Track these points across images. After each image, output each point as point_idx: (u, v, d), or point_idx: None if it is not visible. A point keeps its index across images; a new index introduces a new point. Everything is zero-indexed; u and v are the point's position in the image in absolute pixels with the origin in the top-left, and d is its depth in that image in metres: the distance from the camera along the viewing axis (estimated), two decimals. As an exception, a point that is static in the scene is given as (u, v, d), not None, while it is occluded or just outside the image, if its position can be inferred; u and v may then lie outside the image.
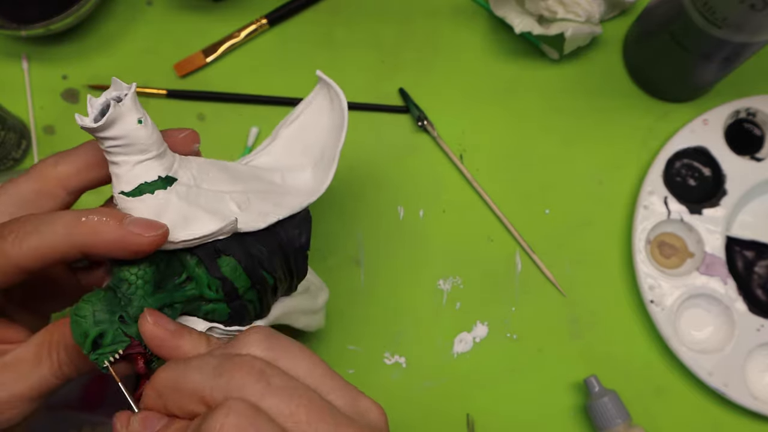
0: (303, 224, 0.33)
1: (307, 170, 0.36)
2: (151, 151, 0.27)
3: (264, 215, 0.31)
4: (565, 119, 0.51)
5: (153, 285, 0.28)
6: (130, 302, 0.27)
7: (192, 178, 0.29)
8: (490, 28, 0.53)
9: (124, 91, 0.27)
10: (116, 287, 0.27)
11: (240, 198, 0.30)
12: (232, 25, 0.53)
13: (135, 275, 0.27)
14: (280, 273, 0.32)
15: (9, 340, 0.30)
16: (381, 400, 0.47)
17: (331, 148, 0.35)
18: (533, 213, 0.50)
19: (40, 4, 0.50)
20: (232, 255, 0.29)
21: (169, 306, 0.28)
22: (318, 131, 0.36)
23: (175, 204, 0.28)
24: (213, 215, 0.29)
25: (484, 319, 0.48)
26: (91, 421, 0.44)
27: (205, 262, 0.29)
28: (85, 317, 0.26)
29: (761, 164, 0.48)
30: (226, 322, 0.31)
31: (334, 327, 0.48)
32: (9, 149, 0.49)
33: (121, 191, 0.28)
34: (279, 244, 0.32)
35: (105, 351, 0.26)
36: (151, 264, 0.28)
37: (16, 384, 0.28)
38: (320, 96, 0.37)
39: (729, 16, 0.39)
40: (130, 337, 0.27)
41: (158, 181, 0.28)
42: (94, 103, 0.26)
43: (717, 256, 0.47)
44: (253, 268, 0.30)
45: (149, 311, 0.27)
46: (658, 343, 0.47)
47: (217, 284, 0.29)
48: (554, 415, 0.47)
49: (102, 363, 0.26)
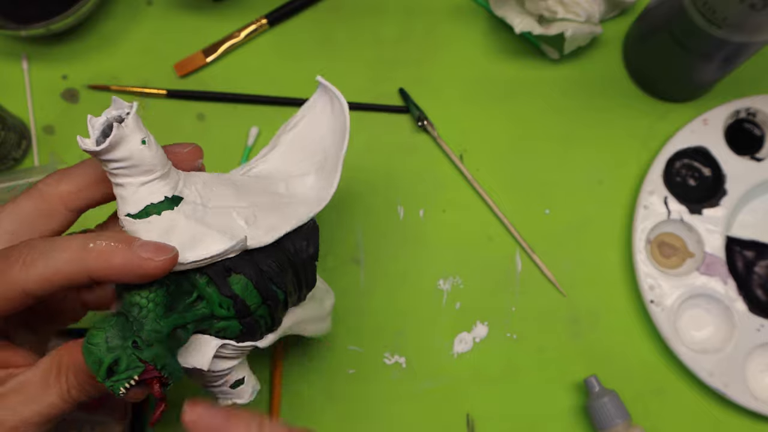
0: (311, 235, 0.33)
1: (310, 176, 0.35)
2: (156, 171, 0.27)
3: (271, 230, 0.31)
4: (565, 119, 0.51)
5: (164, 307, 0.27)
6: (143, 326, 0.26)
7: (198, 195, 0.29)
8: (490, 27, 0.53)
9: (126, 110, 0.26)
10: (127, 312, 0.27)
11: (246, 213, 0.30)
12: (232, 25, 0.53)
13: (146, 299, 0.27)
14: (290, 287, 0.32)
15: (15, 365, 0.29)
16: (381, 401, 0.48)
17: (334, 154, 0.35)
18: (533, 213, 0.50)
19: (40, 4, 0.50)
20: (242, 273, 0.29)
21: (182, 327, 0.28)
22: (320, 136, 0.36)
23: (183, 224, 0.27)
24: (222, 234, 0.28)
25: (484, 319, 0.48)
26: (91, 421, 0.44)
27: (215, 281, 0.29)
28: (98, 344, 0.26)
29: (761, 164, 0.48)
30: (238, 338, 0.31)
31: (334, 327, 0.48)
32: (9, 149, 0.49)
33: (128, 213, 0.27)
34: (288, 257, 0.32)
35: (121, 378, 0.26)
36: (161, 286, 0.27)
37: (23, 409, 0.27)
38: (321, 101, 0.36)
39: (729, 16, 0.39)
40: (144, 362, 0.26)
41: (165, 202, 0.27)
42: (95, 123, 0.26)
43: (717, 256, 0.47)
44: (263, 284, 0.30)
45: (189, 406, 0.26)
46: (658, 343, 0.47)
47: (228, 303, 0.29)
48: (554, 415, 0.47)
49: (118, 390, 0.26)
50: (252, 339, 0.31)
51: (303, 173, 0.35)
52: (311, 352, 0.48)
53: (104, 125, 0.26)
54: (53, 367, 0.28)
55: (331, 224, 0.50)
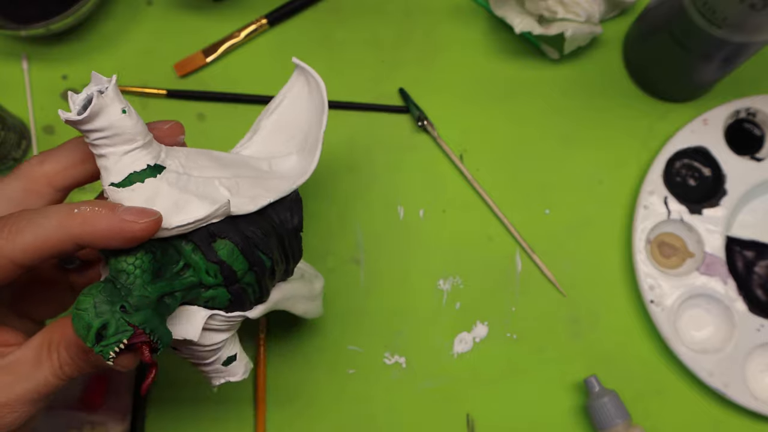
0: (294, 206, 0.34)
1: (292, 156, 0.36)
2: (138, 140, 0.27)
3: (254, 198, 0.31)
4: (565, 119, 0.51)
5: (151, 273, 0.28)
6: (131, 292, 0.27)
7: (180, 166, 0.29)
8: (490, 27, 0.53)
9: (105, 84, 0.27)
10: (115, 279, 0.27)
11: (229, 183, 0.30)
12: (232, 25, 0.53)
13: (132, 265, 0.27)
14: (276, 255, 0.32)
15: (6, 343, 0.29)
16: (381, 401, 0.48)
17: (314, 133, 0.35)
18: (533, 213, 0.50)
19: (40, 4, 0.50)
20: (227, 237, 0.30)
21: (170, 295, 0.28)
22: (299, 118, 0.36)
23: (166, 191, 0.28)
24: (204, 200, 0.29)
25: (484, 319, 0.48)
26: (91, 421, 0.44)
27: (201, 248, 0.29)
28: (86, 310, 0.26)
29: (761, 164, 0.48)
30: (227, 308, 0.31)
31: (334, 327, 0.48)
32: (9, 149, 0.49)
33: (111, 183, 0.27)
34: (272, 226, 0.32)
35: (109, 342, 0.26)
36: (147, 252, 0.28)
37: (16, 386, 0.28)
38: (298, 83, 0.37)
39: (729, 16, 0.39)
40: (133, 326, 0.26)
41: (147, 170, 0.28)
42: (76, 99, 0.26)
43: (717, 256, 0.47)
44: (249, 249, 0.30)
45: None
46: (658, 343, 0.47)
47: (215, 269, 0.29)
48: (554, 415, 0.47)
49: (107, 354, 0.26)
50: (241, 309, 0.32)
51: (286, 153, 0.36)
52: (311, 353, 0.48)
53: (85, 100, 0.26)
54: (45, 344, 0.28)
55: (331, 224, 0.50)
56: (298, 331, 0.48)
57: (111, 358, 0.26)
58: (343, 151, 0.51)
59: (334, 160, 0.51)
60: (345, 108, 0.51)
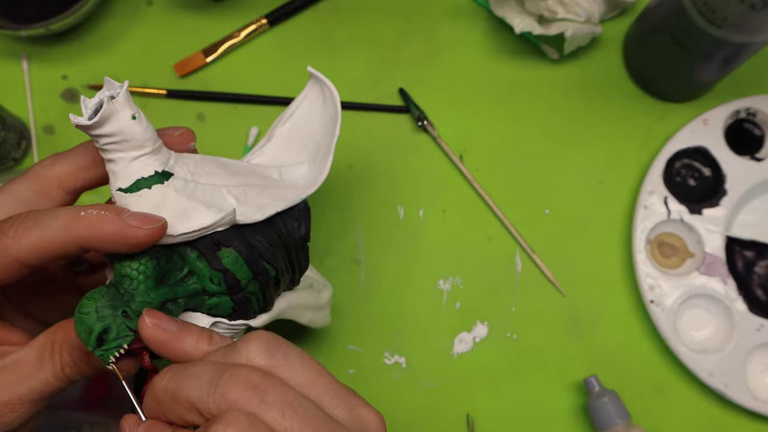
0: (302, 216, 0.33)
1: (303, 166, 0.36)
2: (147, 146, 0.27)
3: (262, 207, 0.31)
4: (565, 119, 0.51)
5: (155, 279, 0.28)
6: (133, 297, 0.27)
7: (188, 173, 0.29)
8: (490, 27, 0.53)
9: (117, 89, 0.27)
10: (118, 283, 0.27)
11: (237, 191, 0.31)
12: (232, 25, 0.53)
13: (136, 270, 0.27)
14: (281, 265, 0.32)
15: (9, 343, 0.30)
16: (381, 400, 0.47)
17: (326, 143, 0.35)
18: (533, 213, 0.50)
19: (40, 4, 0.50)
20: (232, 246, 0.30)
21: (173, 301, 0.29)
22: (313, 127, 0.36)
23: (173, 198, 0.28)
24: (211, 208, 0.29)
25: (484, 319, 0.48)
26: (91, 421, 0.44)
27: (205, 255, 0.29)
28: (89, 313, 0.26)
29: (761, 164, 0.48)
30: (230, 316, 0.31)
31: (334, 327, 0.48)
32: (9, 149, 0.49)
33: (119, 188, 0.28)
34: (279, 236, 0.32)
35: (110, 347, 0.26)
36: (152, 259, 0.28)
37: (17, 386, 0.28)
38: (313, 92, 0.37)
39: (729, 16, 0.39)
40: (134, 331, 0.27)
41: (155, 176, 0.28)
42: (88, 104, 0.27)
43: (717, 256, 0.47)
44: (253, 259, 0.30)
45: (148, 312, 0.27)
46: (658, 343, 0.47)
47: (218, 277, 0.29)
48: (554, 415, 0.47)
49: (107, 359, 0.26)
50: (244, 317, 0.32)
51: (297, 162, 0.36)
52: (311, 352, 0.48)
53: (97, 105, 0.27)
54: (48, 345, 0.28)
55: (331, 224, 0.50)
56: (297, 331, 0.48)
57: (111, 362, 0.26)
58: (343, 151, 0.51)
59: (334, 159, 0.51)
60: (345, 108, 0.51)
